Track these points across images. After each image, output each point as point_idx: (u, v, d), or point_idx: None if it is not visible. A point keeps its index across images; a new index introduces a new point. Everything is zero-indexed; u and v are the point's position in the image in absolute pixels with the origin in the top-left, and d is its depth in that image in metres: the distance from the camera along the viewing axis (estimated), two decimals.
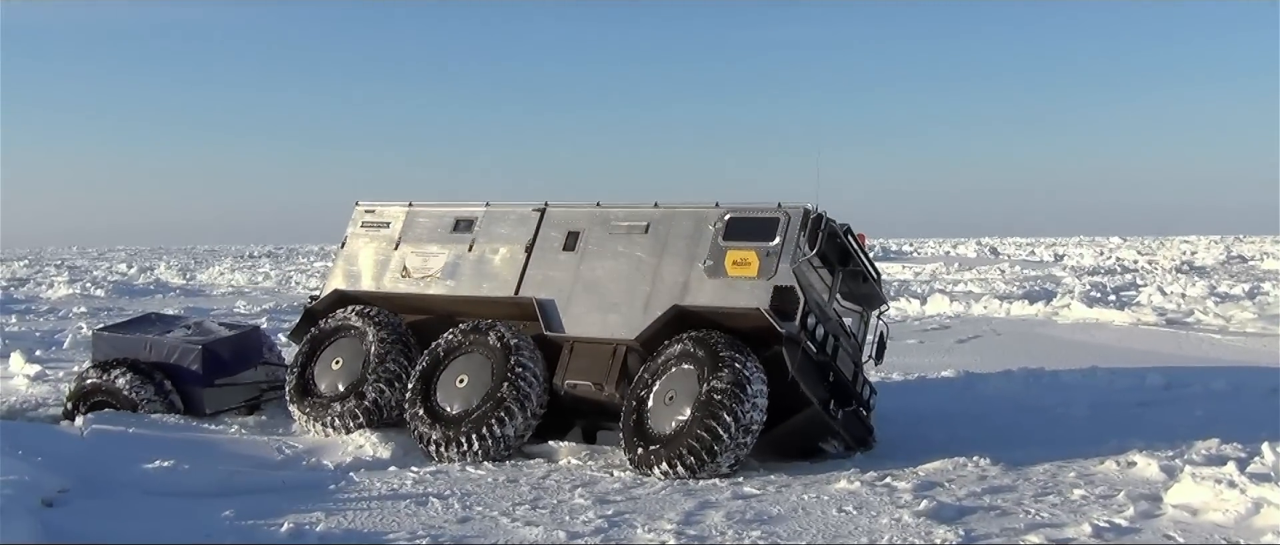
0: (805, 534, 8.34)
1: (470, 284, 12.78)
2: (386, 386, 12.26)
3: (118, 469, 10.26)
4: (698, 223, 11.96)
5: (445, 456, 11.38)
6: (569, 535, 8.32)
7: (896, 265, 59.45)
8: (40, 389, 15.88)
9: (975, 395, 16.31)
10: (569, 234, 12.56)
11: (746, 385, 10.57)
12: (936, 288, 39.05)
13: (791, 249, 11.34)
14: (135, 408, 12.97)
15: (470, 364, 11.90)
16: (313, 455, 11.39)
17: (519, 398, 11.43)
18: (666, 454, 10.55)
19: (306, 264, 72.27)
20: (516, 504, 9.37)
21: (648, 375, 11.28)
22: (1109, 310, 28.86)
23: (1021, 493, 9.67)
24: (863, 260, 12.52)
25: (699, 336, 11.10)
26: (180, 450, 11.02)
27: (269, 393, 14.14)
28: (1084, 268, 57.66)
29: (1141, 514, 8.80)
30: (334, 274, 13.75)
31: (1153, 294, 33.83)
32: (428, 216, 13.55)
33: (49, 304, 35.76)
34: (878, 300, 13.23)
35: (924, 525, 8.49)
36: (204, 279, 54.96)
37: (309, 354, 12.95)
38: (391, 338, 12.55)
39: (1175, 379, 16.84)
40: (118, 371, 13.27)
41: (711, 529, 8.50)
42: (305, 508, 9.13)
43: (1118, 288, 39.05)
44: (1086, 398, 15.42)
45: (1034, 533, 8.24)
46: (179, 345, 13.66)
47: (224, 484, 10.01)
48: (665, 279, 11.79)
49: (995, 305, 31.15)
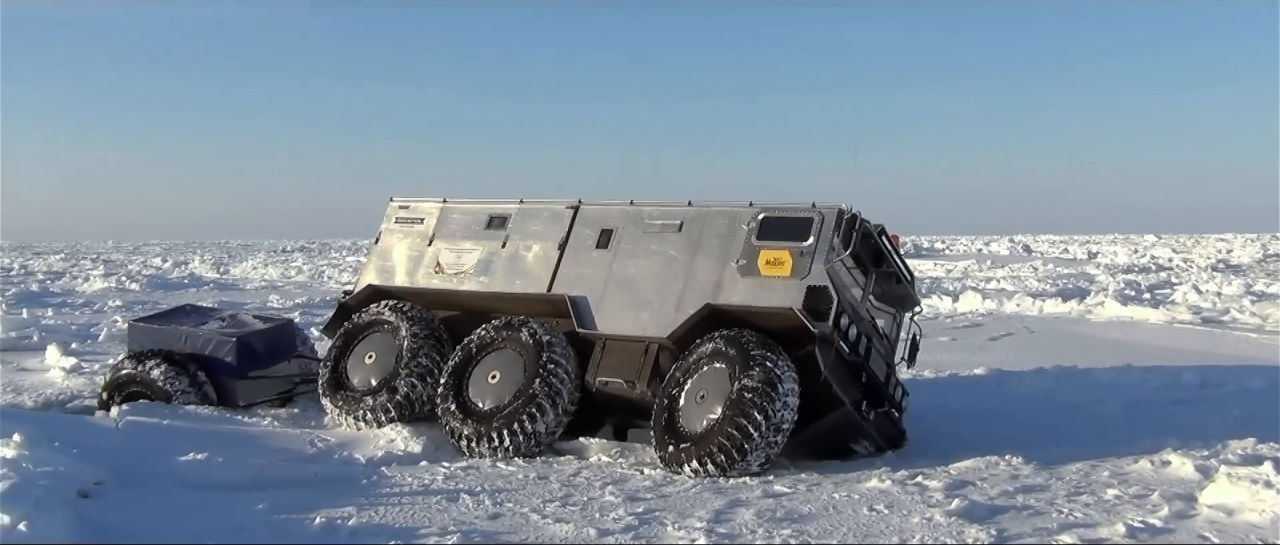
0: (836, 533, 8.32)
1: (503, 280, 12.81)
2: (418, 381, 12.31)
3: (152, 461, 10.36)
4: (731, 222, 11.95)
5: (476, 452, 11.43)
6: (599, 532, 8.33)
7: (928, 262, 59.21)
8: (76, 381, 16.02)
9: (1007, 393, 16.22)
10: (602, 232, 12.57)
11: (778, 384, 10.55)
12: (969, 285, 38.85)
13: (825, 249, 11.30)
14: (170, 399, 13.08)
15: (502, 360, 11.93)
16: (345, 449, 11.45)
17: (550, 394, 11.46)
18: (697, 452, 10.55)
19: (339, 259, 72.58)
20: (547, 501, 9.39)
21: (679, 373, 11.27)
22: (1143, 308, 28.63)
23: (1054, 492, 9.61)
24: (896, 261, 12.47)
25: (731, 335, 11.09)
26: (214, 442, 11.11)
27: (302, 386, 14.24)
28: (1118, 265, 57.23)
29: (1176, 514, 8.72)
30: (367, 269, 13.82)
31: (1188, 292, 33.54)
32: (461, 213, 13.59)
33: (85, 297, 36.08)
34: (911, 302, 13.17)
35: (955, 525, 8.45)
36: (238, 273, 55.28)
37: (342, 348, 13.02)
38: (424, 333, 12.60)
39: (1210, 378, 16.69)
40: (153, 363, 13.37)
41: (742, 527, 8.49)
42: (337, 502, 9.18)
43: (1152, 286, 38.75)
44: (1120, 396, 15.30)
45: (1067, 532, 8.19)
46: (214, 337, 13.77)
47: (257, 477, 10.09)
48: (698, 277, 11.78)
49: (1028, 303, 30.95)
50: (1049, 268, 55.39)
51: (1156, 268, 54.29)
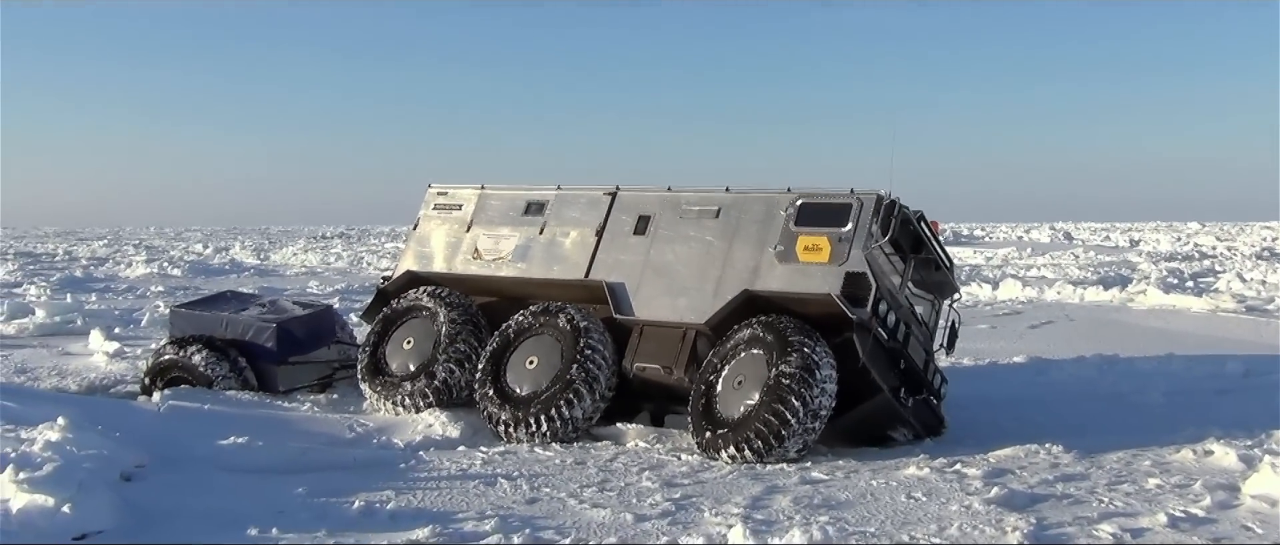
0: (873, 520, 8.28)
1: (541, 266, 12.82)
2: (456, 367, 12.35)
3: (193, 444, 10.45)
4: (769, 208, 11.91)
5: (514, 437, 11.46)
6: (636, 517, 8.33)
7: (968, 250, 58.81)
8: (119, 366, 16.19)
9: (1047, 382, 16.10)
10: (640, 218, 12.56)
11: (815, 370, 10.52)
12: (1008, 273, 38.59)
13: (864, 235, 11.25)
14: (211, 384, 13.17)
15: (540, 346, 11.95)
16: (383, 433, 11.51)
17: (588, 380, 11.47)
18: (734, 438, 10.53)
19: (378, 245, 72.93)
20: (584, 486, 9.40)
21: (717, 359, 11.26)
22: (1186, 296, 28.35)
23: (1094, 481, 9.53)
24: (935, 248, 12.40)
25: (768, 321, 11.06)
26: (254, 427, 11.19)
27: (341, 371, 14.32)
28: (1161, 253, 56.70)
29: (1218, 504, 8.63)
30: (406, 255, 13.87)
31: (1232, 280, 33.19)
32: (499, 199, 13.61)
33: (127, 283, 36.47)
34: (950, 289, 13.10)
35: (994, 513, 8.40)
36: (277, 259, 55.68)
37: (381, 334, 13.08)
38: (462, 319, 12.64)
39: (1255, 367, 16.50)
40: (194, 348, 13.47)
41: (779, 513, 8.47)
42: (376, 486, 9.24)
43: (1196, 274, 38.37)
44: (1162, 385, 15.15)
45: (1107, 522, 8.12)
46: (254, 323, 13.86)
47: (296, 461, 10.16)
48: (736, 264, 11.75)
49: (1069, 291, 30.71)
50: (1090, 255, 54.92)
51: (1200, 256, 53.75)
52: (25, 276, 37.52)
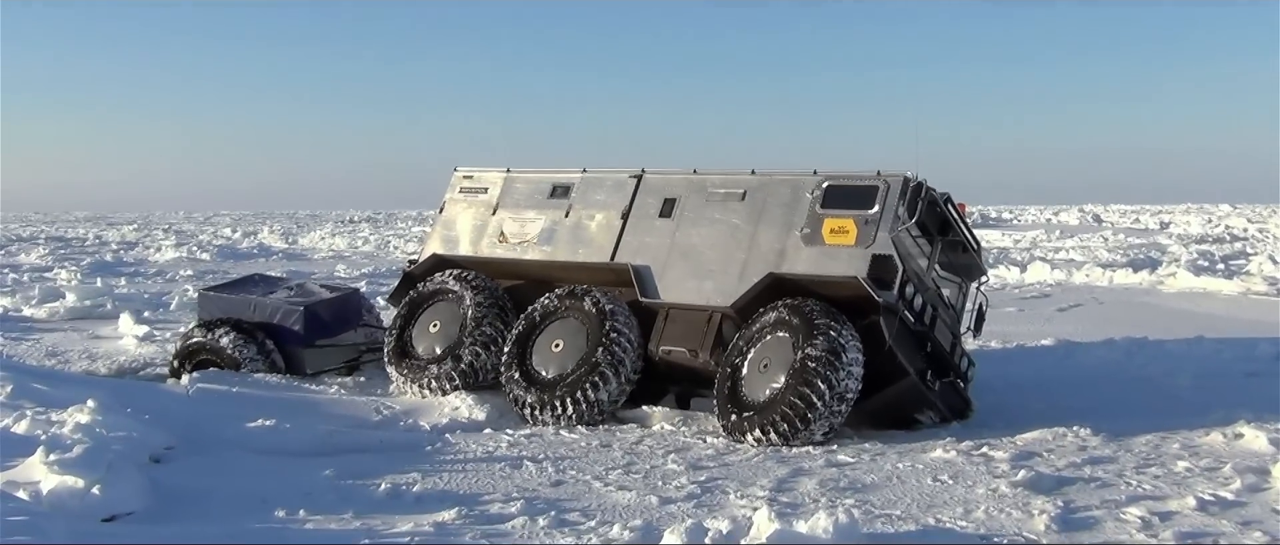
0: (899, 503, 8.26)
1: (566, 250, 12.82)
2: (482, 350, 12.37)
3: (221, 427, 10.53)
4: (795, 190, 11.87)
5: (540, 420, 11.48)
6: (661, 500, 8.34)
7: (996, 232, 58.51)
8: (148, 349, 16.31)
9: (1075, 364, 16.00)
10: (665, 201, 12.54)
11: (841, 353, 10.49)
12: (1037, 255, 38.36)
13: (890, 217, 11.20)
14: (238, 366, 13.24)
15: (566, 329, 11.97)
16: (409, 416, 11.55)
17: (613, 363, 11.48)
18: (760, 421, 10.52)
19: (405, 229, 73.10)
20: (610, 468, 9.42)
21: (742, 342, 11.24)
22: (1217, 279, 28.09)
23: (1122, 464, 9.47)
24: (963, 230, 12.33)
25: (794, 304, 11.03)
26: (281, 409, 11.26)
27: (368, 354, 14.37)
28: (1191, 236, 56.23)
29: (1248, 487, 8.57)
30: (432, 239, 13.89)
31: (1264, 263, 32.82)
32: (525, 182, 13.62)
33: (157, 267, 36.71)
34: (977, 271, 13.02)
35: (1021, 495, 8.36)
36: (305, 243, 55.91)
37: (407, 317, 13.12)
38: (488, 302, 12.66)
39: None
40: (222, 331, 13.54)
41: (804, 496, 8.47)
42: (402, 468, 9.28)
43: (1227, 256, 38.03)
44: (1192, 367, 15.02)
45: (1135, 505, 8.07)
46: (281, 306, 13.92)
47: (324, 443, 10.22)
48: (761, 246, 11.73)
49: (1098, 273, 30.49)
50: (1119, 238, 54.57)
51: (1231, 238, 53.27)
52: (56, 261, 37.81)
